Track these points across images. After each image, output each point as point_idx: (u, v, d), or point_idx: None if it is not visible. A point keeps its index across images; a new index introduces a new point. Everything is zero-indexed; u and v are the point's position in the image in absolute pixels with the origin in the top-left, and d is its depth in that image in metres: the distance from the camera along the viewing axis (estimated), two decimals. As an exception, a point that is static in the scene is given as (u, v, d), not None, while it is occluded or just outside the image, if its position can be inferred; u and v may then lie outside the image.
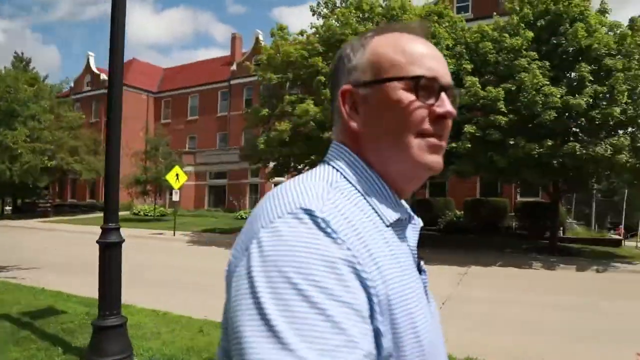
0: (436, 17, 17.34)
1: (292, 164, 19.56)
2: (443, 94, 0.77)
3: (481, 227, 22.33)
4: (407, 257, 0.76)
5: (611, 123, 14.36)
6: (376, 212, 0.73)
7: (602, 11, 16.40)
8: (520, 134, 14.62)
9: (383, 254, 0.68)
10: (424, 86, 0.75)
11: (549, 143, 14.47)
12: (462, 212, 24.11)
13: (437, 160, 0.77)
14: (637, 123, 14.61)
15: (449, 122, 0.79)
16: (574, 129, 15.75)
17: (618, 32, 15.36)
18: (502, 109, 14.64)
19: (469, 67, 16.16)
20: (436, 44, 16.25)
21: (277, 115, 18.41)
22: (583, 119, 14.47)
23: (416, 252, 0.84)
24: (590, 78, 14.35)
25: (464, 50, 16.87)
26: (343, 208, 0.67)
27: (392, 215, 0.75)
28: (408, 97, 0.75)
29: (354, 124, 0.78)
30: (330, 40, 18.02)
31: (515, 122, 14.64)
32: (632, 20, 15.98)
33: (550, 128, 14.79)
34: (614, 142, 14.07)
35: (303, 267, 0.58)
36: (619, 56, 14.72)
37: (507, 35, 15.63)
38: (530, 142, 14.35)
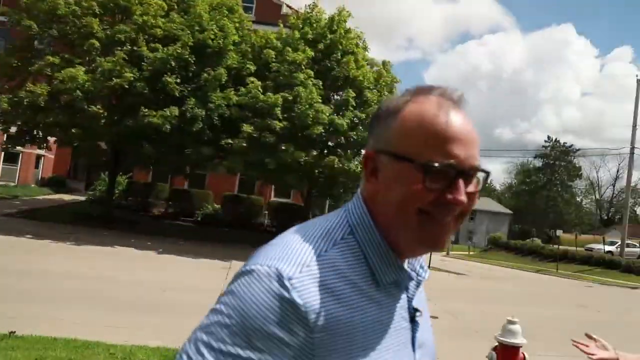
0: (227, 12, 17.39)
1: (40, 134, 16.80)
2: (460, 181, 0.77)
3: (237, 222, 23.22)
4: (388, 319, 0.81)
5: (365, 144, 16.87)
6: (373, 273, 0.79)
7: (364, 48, 19.14)
8: (291, 141, 15.86)
9: (350, 322, 0.75)
10: (437, 171, 0.76)
11: (314, 153, 16.14)
12: (220, 205, 24.63)
13: (437, 241, 0.80)
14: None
15: (464, 207, 0.79)
16: (330, 143, 17.77)
17: (375, 69, 18.19)
18: (279, 116, 15.65)
19: (252, 67, 16.75)
20: (224, 38, 16.35)
21: (31, 73, 15.56)
22: (343, 138, 16.58)
23: (413, 302, 0.88)
24: (354, 104, 16.61)
25: (249, 50, 17.42)
26: (320, 270, 0.74)
27: (388, 277, 0.80)
28: (418, 179, 0.76)
29: (370, 187, 0.82)
30: (109, 4, 16.24)
31: (288, 129, 15.81)
32: (384, 62, 19.13)
33: (316, 140, 16.50)
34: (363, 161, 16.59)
35: (242, 321, 0.70)
36: (375, 90, 17.46)
37: (290, 49, 16.73)
38: (299, 150, 15.71)
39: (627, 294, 18.19)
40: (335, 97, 18.29)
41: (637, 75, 36.88)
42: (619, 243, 30.19)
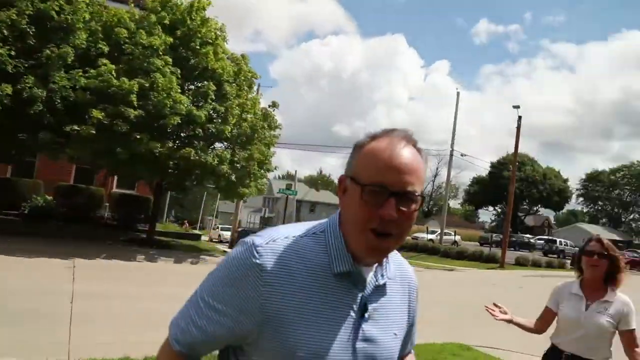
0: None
1: None
2: (391, 200, 0.98)
3: (74, 215, 21.11)
4: (334, 302, 1.02)
5: (222, 137, 16.78)
6: (330, 261, 1.04)
7: (224, 39, 18.83)
8: (146, 131, 15.05)
9: (290, 285, 0.99)
10: (373, 192, 0.98)
11: (170, 145, 15.56)
12: (53, 197, 22.10)
13: (376, 252, 1.03)
14: (237, 142, 17.52)
15: (400, 223, 1.00)
16: (182, 134, 17.14)
17: (235, 63, 18.10)
18: (134, 103, 14.71)
19: (105, 48, 15.42)
20: (73, 12, 14.74)
21: None
22: (201, 130, 16.23)
23: (368, 301, 1.06)
24: (213, 97, 16.35)
25: (99, 29, 15.98)
26: (284, 247, 1.02)
27: (340, 268, 1.03)
28: (359, 197, 1.00)
29: (341, 203, 1.08)
30: None
31: (143, 118, 14.96)
32: (243, 56, 19.06)
33: (173, 131, 15.90)
34: (220, 154, 16.48)
35: (224, 270, 1.03)
36: (235, 84, 17.41)
37: (143, 31, 15.76)
38: (154, 141, 14.98)
39: (446, 275, 21.24)
40: (191, 87, 17.79)
41: (456, 88, 42.67)
42: (439, 232, 34.80)
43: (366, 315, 1.05)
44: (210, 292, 1.04)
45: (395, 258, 1.18)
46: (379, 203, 0.98)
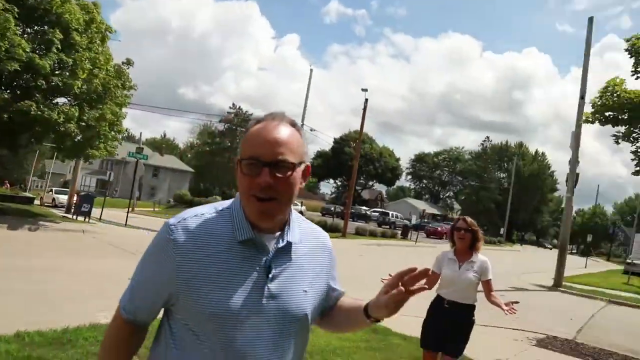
0: None
1: None
2: (265, 169, 1.15)
3: None
4: (240, 265, 1.19)
5: (70, 93, 15.18)
6: (234, 231, 1.20)
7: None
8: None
9: (201, 255, 1.18)
10: (250, 164, 1.16)
11: (5, 96, 13.66)
12: None
13: (261, 215, 1.18)
14: (85, 99, 15.98)
15: (276, 186, 1.16)
16: (15, 82, 15.12)
17: (86, 11, 16.30)
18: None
19: None
20: None
21: None
22: (44, 81, 14.48)
23: (272, 262, 1.22)
24: (59, 46, 14.62)
25: None
26: (192, 224, 1.20)
27: (243, 236, 1.20)
28: (241, 171, 1.19)
29: (238, 181, 1.22)
30: None
31: (-29, 61, 12.84)
32: (95, 4, 17.24)
33: (8, 79, 13.93)
34: (66, 110, 14.93)
35: (149, 248, 1.25)
36: (86, 35, 15.76)
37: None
38: (-16, 90, 13.03)
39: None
40: (30, 31, 15.67)
41: (310, 65, 44.03)
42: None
43: (270, 275, 1.20)
44: (141, 267, 1.27)
45: (305, 225, 1.35)
46: (257, 173, 1.15)
